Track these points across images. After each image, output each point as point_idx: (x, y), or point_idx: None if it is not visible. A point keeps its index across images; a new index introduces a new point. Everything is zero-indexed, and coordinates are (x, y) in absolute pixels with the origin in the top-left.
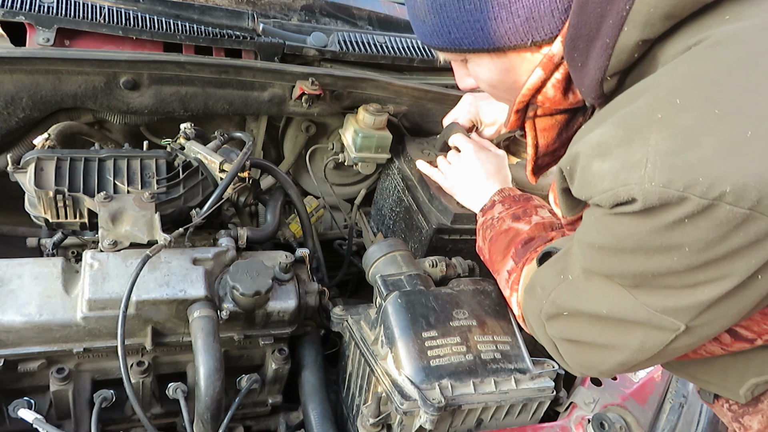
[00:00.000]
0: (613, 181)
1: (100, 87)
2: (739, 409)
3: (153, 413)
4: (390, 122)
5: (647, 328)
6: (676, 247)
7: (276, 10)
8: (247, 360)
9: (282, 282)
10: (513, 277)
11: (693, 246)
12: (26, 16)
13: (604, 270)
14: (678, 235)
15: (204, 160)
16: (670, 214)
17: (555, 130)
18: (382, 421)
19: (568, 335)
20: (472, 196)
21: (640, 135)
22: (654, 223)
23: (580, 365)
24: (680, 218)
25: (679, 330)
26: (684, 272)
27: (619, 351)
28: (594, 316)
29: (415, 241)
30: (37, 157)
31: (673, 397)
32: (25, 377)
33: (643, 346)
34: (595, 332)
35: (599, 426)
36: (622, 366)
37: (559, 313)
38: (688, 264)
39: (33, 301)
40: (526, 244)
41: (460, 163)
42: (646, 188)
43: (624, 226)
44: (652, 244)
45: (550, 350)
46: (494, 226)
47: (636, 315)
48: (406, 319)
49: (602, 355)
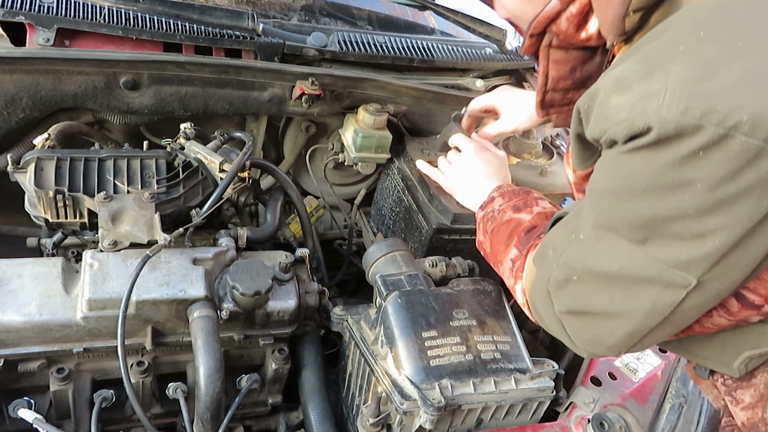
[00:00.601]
0: (630, 111)
1: (100, 87)
2: (732, 384)
3: (153, 413)
4: (390, 122)
5: (658, 286)
6: (689, 184)
7: (276, 10)
8: (247, 360)
9: (282, 282)
10: (517, 264)
11: (705, 182)
12: (26, 16)
13: (615, 220)
14: (691, 169)
15: (204, 160)
16: (685, 145)
17: (568, 66)
18: (382, 421)
19: (575, 306)
20: (471, 196)
21: (661, 67)
22: (668, 155)
23: (588, 341)
24: (694, 150)
25: (690, 286)
26: (694, 217)
27: (629, 317)
28: (604, 276)
29: (415, 241)
30: (37, 157)
31: (673, 397)
32: (25, 377)
33: (653, 308)
34: (604, 298)
35: (599, 426)
36: (631, 336)
37: (568, 277)
38: (699, 204)
39: (33, 301)
40: (530, 232)
41: (460, 163)
42: (663, 116)
43: (637, 164)
44: (665, 180)
45: (557, 332)
46: (495, 218)
47: (647, 271)
48: (406, 319)
49: (611, 326)
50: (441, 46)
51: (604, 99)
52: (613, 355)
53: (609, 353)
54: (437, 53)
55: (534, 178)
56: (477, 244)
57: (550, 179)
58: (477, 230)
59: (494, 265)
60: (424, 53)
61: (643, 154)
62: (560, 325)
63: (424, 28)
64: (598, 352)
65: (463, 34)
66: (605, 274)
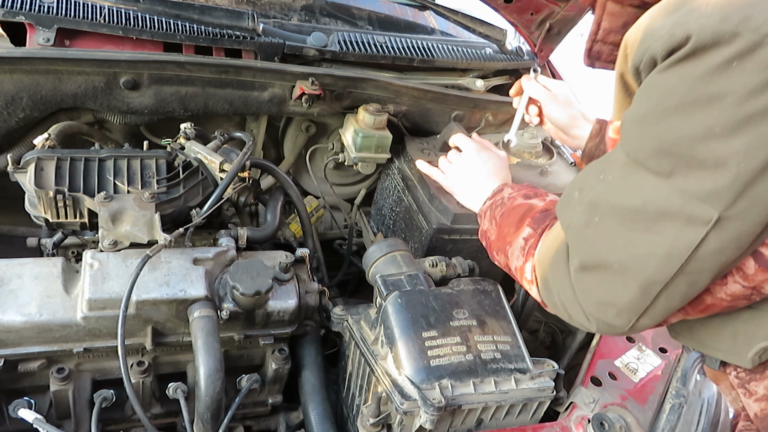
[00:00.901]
0: (672, 26)
1: (100, 87)
2: (746, 376)
3: (153, 413)
4: (390, 122)
5: (680, 222)
6: (720, 97)
7: (276, 10)
8: (247, 360)
9: (282, 282)
10: (530, 242)
11: (735, 95)
12: (26, 16)
13: (644, 148)
14: (724, 81)
15: (204, 160)
16: (720, 53)
17: (621, 21)
18: (382, 421)
19: (591, 256)
20: (472, 195)
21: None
22: (702, 66)
23: (598, 303)
24: (729, 59)
25: (711, 221)
26: (721, 136)
27: (643, 266)
28: (627, 213)
29: (415, 241)
30: (37, 157)
31: (673, 397)
32: (25, 377)
33: (671, 250)
34: (622, 243)
35: (599, 426)
36: (644, 292)
37: (590, 219)
38: (727, 120)
39: (33, 301)
40: (545, 212)
41: (460, 162)
42: (702, 23)
43: (672, 80)
44: (697, 94)
45: (567, 300)
46: (505, 204)
47: (670, 204)
48: (406, 319)
49: (624, 279)
50: (441, 46)
51: (650, 23)
52: (622, 325)
53: (619, 321)
54: (437, 53)
55: (534, 178)
56: (480, 234)
57: (550, 179)
58: (481, 219)
59: (499, 250)
60: (424, 53)
61: (679, 68)
62: (571, 291)
63: (424, 28)
64: (608, 319)
65: (463, 34)
66: (628, 209)
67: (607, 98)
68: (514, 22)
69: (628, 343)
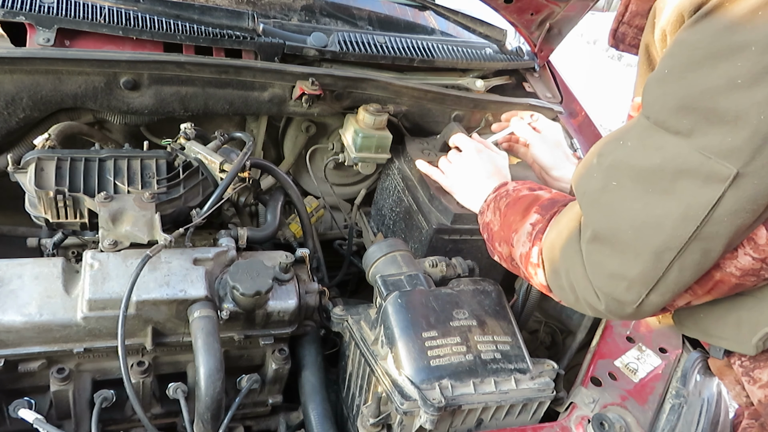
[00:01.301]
0: None
1: (100, 87)
2: (750, 364)
3: (153, 413)
4: (390, 122)
5: (698, 180)
6: (744, 47)
7: (276, 10)
8: (247, 360)
9: (282, 282)
10: (538, 227)
11: (760, 44)
12: (26, 16)
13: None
14: (748, 29)
15: (204, 160)
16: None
17: (648, 4)
18: (382, 421)
19: (605, 225)
20: (472, 195)
21: None
22: (728, 17)
23: (609, 276)
24: (753, 8)
25: (729, 177)
26: (744, 87)
27: (659, 230)
28: (645, 173)
29: (415, 241)
30: (37, 157)
31: (673, 397)
32: (26, 377)
33: (687, 211)
34: (638, 207)
35: (599, 426)
36: (657, 259)
37: (607, 184)
38: (750, 69)
39: (33, 301)
40: (552, 200)
41: (460, 162)
42: None
43: (698, 32)
44: (722, 44)
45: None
46: (510, 195)
47: (688, 161)
48: (406, 319)
49: (636, 249)
50: (441, 46)
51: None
52: (630, 300)
53: (627, 296)
54: (437, 53)
55: (534, 178)
56: (481, 227)
57: None
58: (483, 213)
59: (502, 240)
60: (424, 53)
61: (705, 21)
62: (581, 267)
63: (424, 28)
64: (618, 294)
65: (463, 34)
66: (647, 170)
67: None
68: (514, 22)
69: (628, 343)
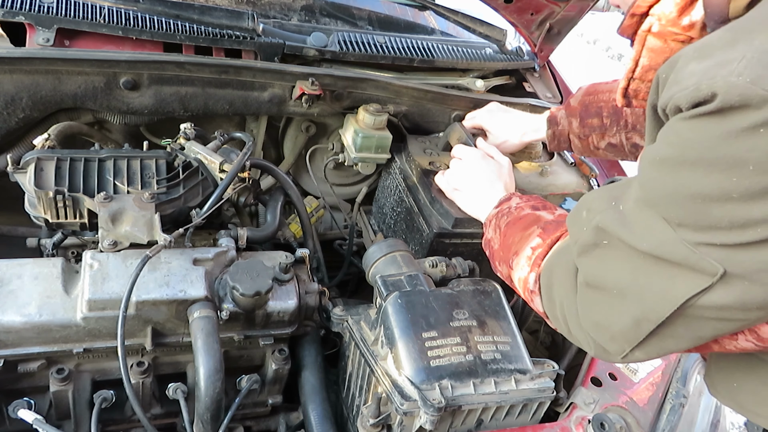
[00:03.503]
0: (701, 77)
1: (100, 87)
2: None
3: (153, 413)
4: (390, 122)
5: (682, 269)
6: (741, 164)
7: (276, 10)
8: (247, 360)
9: (282, 282)
10: (538, 252)
11: (759, 164)
12: (26, 16)
13: (658, 192)
14: (747, 146)
15: (204, 160)
16: (747, 117)
17: (662, 57)
18: (382, 421)
19: (594, 275)
20: (474, 203)
21: (746, 37)
22: (726, 126)
23: (595, 323)
24: (756, 124)
25: (716, 275)
26: (739, 201)
27: (639, 299)
28: (632, 249)
29: (415, 243)
30: (37, 158)
31: (673, 397)
32: (25, 377)
33: (668, 290)
34: (625, 271)
35: (599, 426)
36: (637, 326)
37: (597, 241)
38: (746, 188)
39: (33, 301)
40: (556, 223)
41: (463, 169)
42: (731, 81)
43: (695, 131)
44: (717, 154)
45: (569, 316)
46: (512, 213)
47: (674, 253)
48: (406, 319)
49: (620, 307)
50: (441, 46)
51: (682, 65)
52: (615, 351)
53: (612, 347)
54: (437, 53)
55: (534, 178)
56: (483, 243)
57: (550, 179)
58: (485, 228)
59: (502, 260)
60: (424, 53)
61: (702, 121)
62: (573, 306)
63: (424, 28)
64: (603, 342)
65: (463, 34)
66: (634, 249)
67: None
68: (514, 22)
69: None
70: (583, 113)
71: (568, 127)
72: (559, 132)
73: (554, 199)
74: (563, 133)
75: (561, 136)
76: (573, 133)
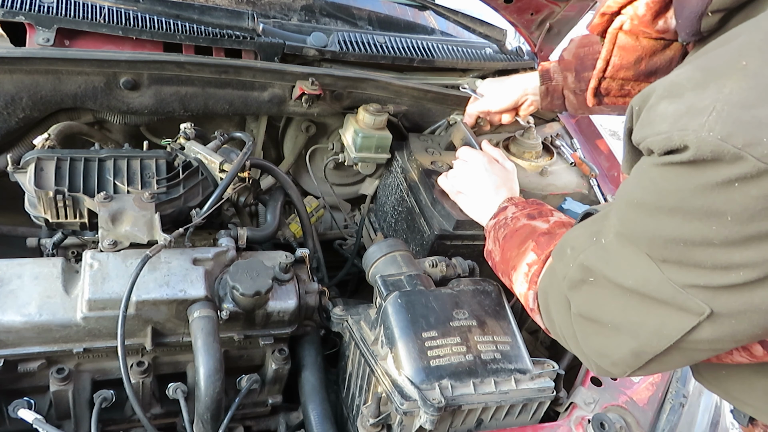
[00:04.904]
0: (672, 125)
1: (100, 87)
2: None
3: (153, 413)
4: (390, 122)
5: (670, 308)
6: (718, 214)
7: (276, 10)
8: (247, 360)
9: (282, 282)
10: (533, 269)
11: (736, 216)
12: (26, 16)
13: (637, 233)
14: (723, 199)
15: (204, 160)
16: (721, 172)
17: (634, 55)
18: (382, 421)
19: (587, 310)
20: (478, 207)
21: (717, 81)
22: (701, 179)
23: (596, 351)
24: (730, 179)
25: (703, 314)
26: (720, 247)
27: (634, 335)
28: (618, 287)
29: (416, 243)
30: (37, 157)
31: (673, 397)
32: (25, 377)
33: (661, 329)
34: (616, 307)
35: (599, 426)
36: (635, 357)
37: (584, 278)
38: (726, 237)
39: (33, 301)
40: (548, 235)
41: (467, 173)
42: (703, 137)
43: (669, 181)
44: (694, 204)
45: (569, 338)
46: (508, 225)
47: (660, 292)
48: (406, 319)
49: (618, 340)
50: (441, 46)
51: (654, 103)
52: (618, 373)
53: (615, 370)
54: (437, 53)
55: (534, 178)
56: (485, 254)
57: (550, 179)
58: (486, 239)
59: (504, 273)
60: (424, 53)
61: (676, 171)
62: (572, 331)
63: (424, 28)
64: (604, 366)
65: (463, 34)
66: (619, 285)
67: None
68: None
69: None
70: (578, 66)
71: (562, 82)
72: (553, 88)
73: (554, 199)
74: (557, 89)
75: (555, 92)
76: (568, 89)
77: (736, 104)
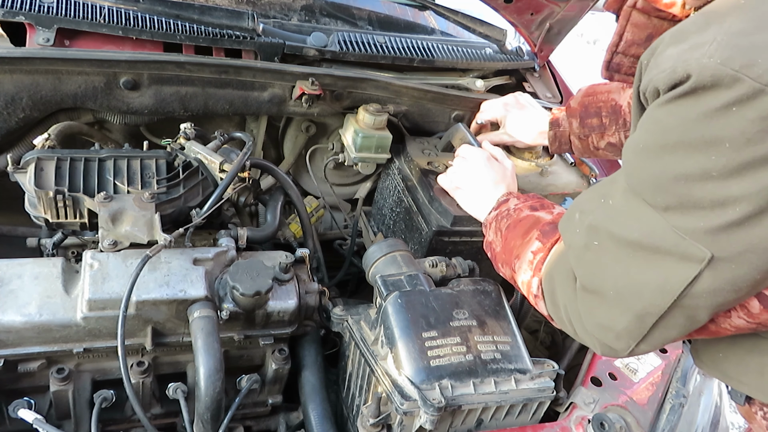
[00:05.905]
0: (676, 59)
1: (100, 87)
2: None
3: (153, 413)
4: (390, 122)
5: (673, 258)
6: (717, 142)
7: (276, 10)
8: (247, 360)
9: (282, 282)
10: (539, 257)
11: (734, 141)
12: (26, 16)
13: (643, 180)
14: (722, 124)
15: (204, 160)
16: (719, 96)
17: (645, 32)
18: (382, 421)
19: (590, 279)
20: (476, 202)
21: (718, 20)
22: (701, 107)
23: (599, 325)
24: (728, 103)
25: (705, 260)
26: (718, 179)
27: (638, 296)
28: (624, 243)
29: (414, 242)
30: (37, 157)
31: (673, 397)
32: (25, 377)
33: (664, 284)
34: (619, 270)
35: (599, 426)
36: (640, 321)
37: (589, 243)
38: (724, 165)
39: (33, 301)
40: (553, 224)
41: (466, 169)
42: (703, 63)
43: (672, 116)
44: (695, 135)
45: (574, 319)
46: (510, 215)
47: (664, 240)
48: (406, 319)
49: (621, 307)
50: (441, 46)
51: (661, 51)
52: (622, 349)
53: (618, 345)
54: (437, 53)
55: (534, 178)
56: (485, 245)
57: (550, 179)
58: (486, 230)
59: (505, 263)
60: (424, 53)
61: (679, 104)
62: (576, 309)
63: (424, 28)
64: (608, 342)
65: (463, 34)
66: (625, 240)
67: None
68: (514, 22)
69: None
70: (582, 113)
71: (568, 128)
72: (560, 133)
73: (554, 199)
74: (564, 135)
75: (562, 138)
76: (573, 134)
77: (734, 33)
